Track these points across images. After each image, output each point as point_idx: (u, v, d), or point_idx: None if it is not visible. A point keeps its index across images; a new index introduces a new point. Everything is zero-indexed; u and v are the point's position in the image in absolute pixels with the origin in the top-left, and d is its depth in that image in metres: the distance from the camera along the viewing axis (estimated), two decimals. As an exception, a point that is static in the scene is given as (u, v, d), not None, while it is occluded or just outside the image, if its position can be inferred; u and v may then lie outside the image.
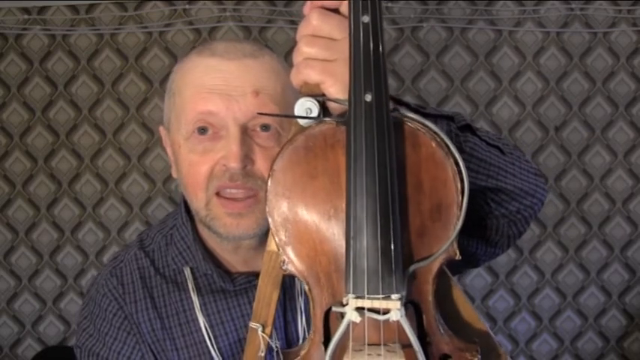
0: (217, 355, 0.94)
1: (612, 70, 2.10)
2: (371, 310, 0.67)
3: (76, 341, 1.01)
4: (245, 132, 0.85)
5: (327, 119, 0.71)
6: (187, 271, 0.96)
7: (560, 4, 2.06)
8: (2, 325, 2.17)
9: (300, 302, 0.93)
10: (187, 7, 2.04)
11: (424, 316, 0.71)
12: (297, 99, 0.74)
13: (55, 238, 2.13)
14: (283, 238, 0.72)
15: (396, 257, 0.67)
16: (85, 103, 2.08)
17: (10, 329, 2.17)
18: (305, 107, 0.72)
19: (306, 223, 0.70)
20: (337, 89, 0.71)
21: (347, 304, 0.68)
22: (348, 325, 0.68)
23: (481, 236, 0.89)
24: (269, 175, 0.72)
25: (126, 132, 2.09)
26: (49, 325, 2.17)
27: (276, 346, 0.84)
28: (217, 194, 0.87)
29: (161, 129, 0.97)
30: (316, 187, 0.70)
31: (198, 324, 0.95)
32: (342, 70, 0.70)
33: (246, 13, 2.05)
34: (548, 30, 2.08)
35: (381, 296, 0.67)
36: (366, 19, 0.67)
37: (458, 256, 0.70)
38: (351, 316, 0.67)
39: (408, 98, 2.07)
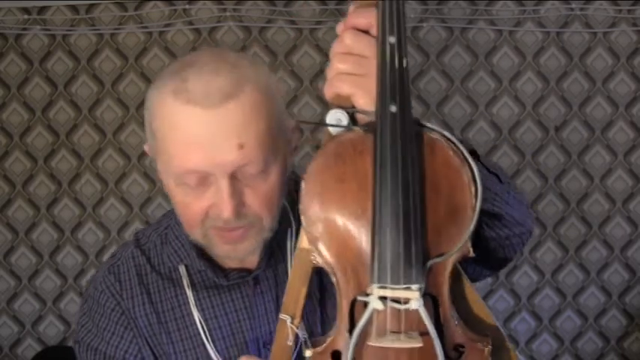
0: (211, 348, 0.98)
1: (612, 70, 2.10)
2: (393, 299, 0.75)
3: (76, 337, 1.04)
4: (234, 177, 0.87)
5: (355, 128, 0.79)
6: (182, 269, 1.00)
7: (560, 4, 2.06)
8: (2, 325, 2.17)
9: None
10: (187, 7, 2.04)
11: (440, 308, 0.78)
12: (281, 123, 0.88)
13: (55, 238, 2.13)
14: (315, 234, 0.79)
15: (416, 252, 0.75)
16: (85, 103, 2.08)
17: (10, 329, 2.17)
18: (336, 117, 0.80)
19: (335, 222, 0.78)
20: (366, 101, 0.78)
21: (371, 294, 0.75)
22: (372, 312, 0.75)
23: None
24: (303, 178, 0.79)
25: (126, 132, 2.09)
26: (49, 325, 2.17)
27: (304, 336, 0.89)
28: (212, 227, 0.92)
29: (146, 148, 0.98)
30: (345, 189, 0.78)
31: (193, 318, 0.98)
32: (371, 84, 0.77)
33: (246, 13, 2.05)
34: (548, 30, 2.08)
35: (402, 286, 0.74)
36: (392, 39, 0.76)
37: (471, 254, 0.77)
38: (375, 304, 0.74)
39: (408, 98, 2.08)
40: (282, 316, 0.86)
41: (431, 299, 0.77)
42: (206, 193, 0.89)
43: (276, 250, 1.00)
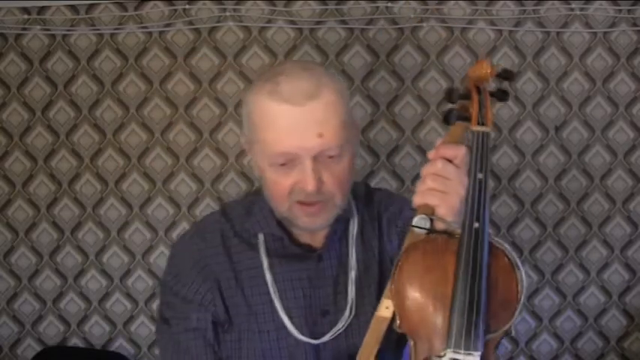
0: (279, 304, 1.20)
1: (612, 70, 2.10)
2: None
3: (162, 281, 1.29)
4: (315, 160, 1.11)
5: (437, 232, 1.08)
6: (261, 236, 1.23)
7: (560, 4, 2.06)
8: (2, 325, 2.17)
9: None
10: (187, 7, 2.04)
11: None
12: (351, 119, 1.18)
13: (55, 238, 2.13)
14: (404, 308, 1.05)
15: (481, 328, 1.01)
16: (85, 103, 2.08)
17: (9, 329, 2.17)
18: (421, 220, 1.08)
19: (420, 301, 1.05)
20: (446, 212, 1.07)
21: (444, 355, 1.01)
22: None
23: None
24: (397, 266, 1.07)
25: (126, 132, 2.09)
26: (49, 325, 2.17)
27: None
28: (296, 201, 1.15)
29: (243, 141, 1.25)
30: (430, 277, 1.05)
31: (265, 279, 1.21)
32: (453, 200, 1.06)
33: (246, 13, 2.05)
34: (548, 30, 2.08)
35: (468, 352, 1.00)
36: (480, 175, 1.04)
37: (512, 333, 1.13)
38: None
39: (408, 98, 2.08)
40: None
41: None
42: (292, 173, 1.13)
43: (341, 236, 1.25)
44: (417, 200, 1.09)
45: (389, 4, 2.04)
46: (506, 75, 1.12)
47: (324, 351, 1.21)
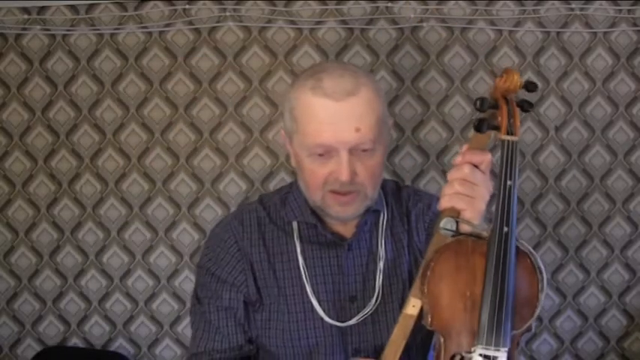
0: (309, 287, 1.28)
1: (612, 70, 2.10)
2: (486, 356, 1.07)
3: (199, 263, 1.37)
4: (351, 153, 1.19)
5: (464, 234, 1.14)
6: (295, 224, 1.33)
7: (560, 4, 2.06)
8: (2, 325, 2.17)
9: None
10: (187, 7, 2.04)
11: None
12: (385, 117, 1.26)
13: (55, 238, 2.13)
14: (434, 306, 1.11)
15: (508, 325, 1.07)
16: (85, 103, 2.08)
17: (9, 329, 2.17)
18: (448, 223, 1.14)
19: (450, 299, 1.11)
20: (472, 215, 1.13)
21: (474, 352, 1.07)
22: None
23: None
24: (429, 266, 1.13)
25: (126, 132, 2.09)
26: (49, 325, 2.17)
27: None
28: (329, 190, 1.23)
29: (282, 133, 1.32)
30: (460, 277, 1.11)
31: (298, 263, 1.30)
32: (479, 205, 1.12)
33: (246, 13, 2.05)
34: (548, 30, 2.08)
35: (496, 348, 1.07)
36: (509, 182, 1.10)
37: (533, 330, 1.12)
38: (476, 359, 1.06)
39: (408, 98, 2.08)
40: None
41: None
42: (329, 163, 1.21)
43: (371, 228, 1.33)
44: (445, 203, 1.15)
45: (389, 4, 2.04)
46: (531, 87, 1.20)
47: (351, 335, 1.29)
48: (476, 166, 1.14)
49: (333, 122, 1.18)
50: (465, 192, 1.13)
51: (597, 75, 2.10)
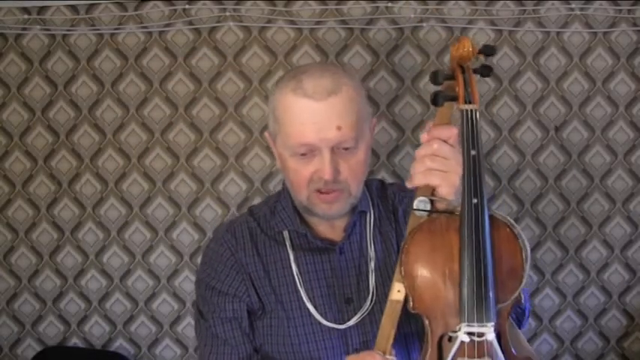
0: (304, 293, 1.30)
1: (612, 70, 2.10)
2: (471, 334, 1.05)
3: (197, 278, 1.39)
4: (333, 152, 1.20)
5: (438, 212, 1.11)
6: (286, 233, 1.34)
7: (560, 4, 2.06)
8: (2, 325, 2.17)
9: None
10: (187, 7, 2.04)
11: (502, 340, 1.09)
12: (367, 116, 1.27)
13: (55, 238, 2.13)
14: (415, 288, 1.10)
15: (491, 299, 1.05)
16: (85, 103, 2.08)
17: (9, 329, 2.17)
18: (422, 203, 1.12)
19: (429, 280, 1.09)
20: (448, 190, 1.10)
21: (459, 330, 1.05)
22: (460, 343, 1.05)
23: None
24: (403, 249, 1.11)
25: (126, 132, 2.09)
26: (49, 325, 2.17)
27: None
28: (314, 190, 1.24)
29: (267, 135, 1.34)
30: (437, 256, 1.09)
31: (292, 271, 1.31)
32: (453, 178, 1.09)
33: (246, 13, 2.05)
34: (548, 30, 2.08)
35: (481, 324, 1.05)
36: (473, 152, 1.07)
37: (522, 301, 1.10)
38: (463, 337, 1.05)
39: (408, 98, 2.08)
40: (376, 352, 1.13)
41: (496, 334, 1.07)
42: (312, 162, 1.22)
43: (361, 229, 1.33)
44: (418, 181, 1.13)
45: (389, 4, 2.04)
46: (487, 51, 1.14)
47: (351, 337, 1.30)
48: (445, 142, 1.13)
49: (314, 122, 1.19)
50: (437, 167, 1.11)
51: (597, 75, 2.10)
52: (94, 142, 2.10)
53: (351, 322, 1.29)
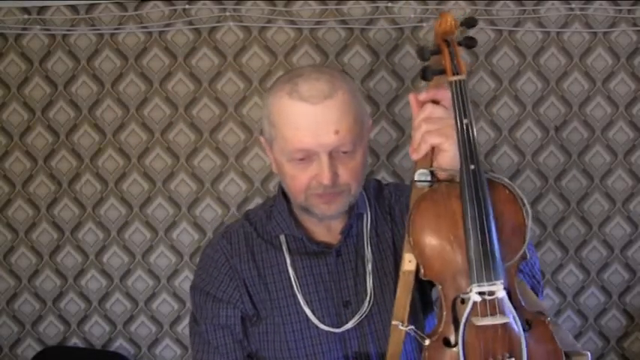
0: (301, 298, 1.28)
1: (612, 70, 2.10)
2: (482, 293, 1.07)
3: (192, 284, 1.37)
4: (331, 156, 1.19)
5: (440, 182, 1.14)
6: (282, 237, 1.32)
7: (560, 4, 2.06)
8: (2, 325, 2.17)
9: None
10: (187, 7, 2.04)
11: (513, 297, 1.10)
12: (364, 118, 1.26)
13: (55, 238, 2.13)
14: (423, 256, 1.12)
15: (498, 258, 1.07)
16: (85, 103, 2.08)
17: (9, 329, 2.17)
18: (422, 175, 1.15)
19: (436, 246, 1.12)
20: (452, 146, 1.11)
21: (471, 291, 1.07)
22: (473, 303, 1.07)
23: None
24: (410, 219, 1.13)
25: (126, 132, 2.09)
26: (49, 325, 2.17)
27: (415, 332, 1.16)
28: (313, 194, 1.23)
29: (262, 140, 1.30)
30: (441, 223, 1.11)
31: (288, 275, 1.30)
32: (452, 132, 1.09)
33: (246, 13, 2.05)
34: (548, 30, 2.08)
35: (491, 283, 1.06)
36: (466, 121, 1.09)
37: (528, 257, 1.13)
38: (475, 297, 1.07)
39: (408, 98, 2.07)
40: (394, 322, 1.16)
41: (507, 292, 1.09)
42: (310, 167, 1.20)
43: (357, 232, 1.33)
44: (422, 150, 1.14)
45: (389, 4, 2.04)
46: (469, 22, 1.17)
47: (350, 340, 1.29)
48: (437, 103, 1.15)
49: (311, 126, 1.17)
50: (434, 127, 1.12)
51: (597, 75, 2.10)
52: (94, 142, 2.10)
53: (349, 325, 1.28)
